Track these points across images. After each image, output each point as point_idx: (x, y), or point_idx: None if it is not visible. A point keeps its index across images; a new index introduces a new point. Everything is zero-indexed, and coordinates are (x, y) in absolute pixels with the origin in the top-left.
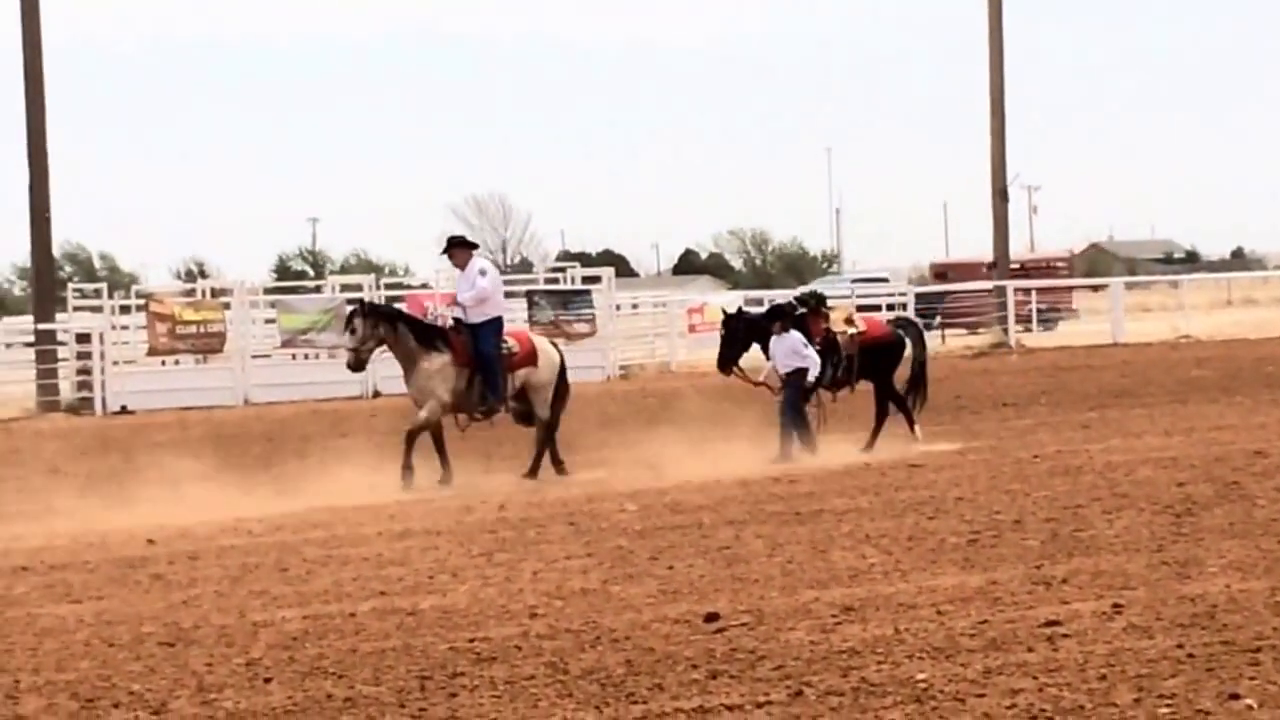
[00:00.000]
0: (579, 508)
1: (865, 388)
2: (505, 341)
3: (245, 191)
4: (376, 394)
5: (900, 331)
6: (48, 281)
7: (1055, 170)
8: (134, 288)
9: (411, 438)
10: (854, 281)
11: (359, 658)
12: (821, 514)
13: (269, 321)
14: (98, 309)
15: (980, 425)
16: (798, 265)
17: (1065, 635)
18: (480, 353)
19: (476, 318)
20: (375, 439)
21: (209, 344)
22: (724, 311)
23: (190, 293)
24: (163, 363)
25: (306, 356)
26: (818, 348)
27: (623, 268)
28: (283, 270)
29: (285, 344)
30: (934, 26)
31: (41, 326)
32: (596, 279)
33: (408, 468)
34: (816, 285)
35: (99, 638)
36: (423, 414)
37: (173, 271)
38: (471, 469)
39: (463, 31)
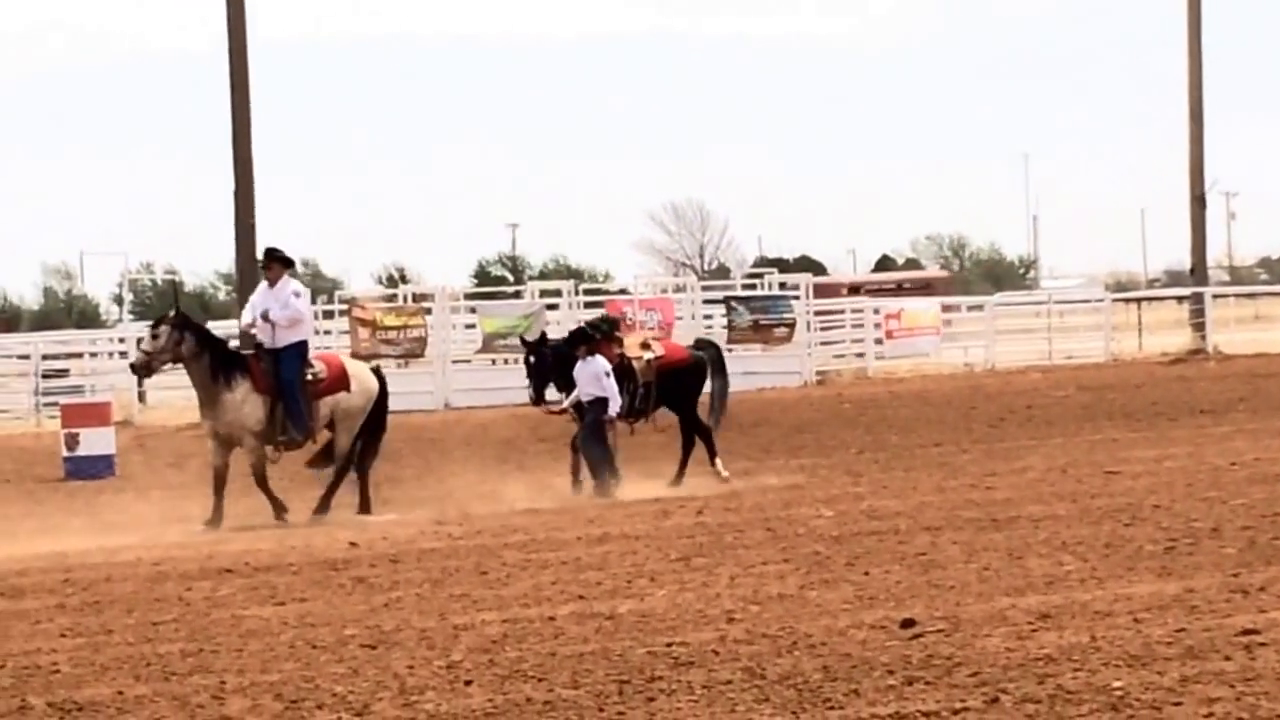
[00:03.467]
0: (776, 513)
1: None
2: (311, 366)
3: (446, 197)
4: None
5: (700, 354)
6: (252, 287)
7: (1255, 176)
8: (336, 293)
9: (261, 483)
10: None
11: (558, 661)
12: (1018, 521)
13: (469, 327)
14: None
15: (1177, 432)
16: (995, 271)
17: (1263, 644)
18: (281, 379)
19: (282, 341)
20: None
21: (410, 349)
22: (523, 341)
23: (392, 298)
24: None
25: (506, 361)
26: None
27: (820, 273)
28: (482, 276)
29: (484, 349)
30: (1131, 29)
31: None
32: (794, 285)
33: (280, 505)
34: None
35: (302, 639)
36: (249, 458)
37: (374, 277)
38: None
39: (659, 34)
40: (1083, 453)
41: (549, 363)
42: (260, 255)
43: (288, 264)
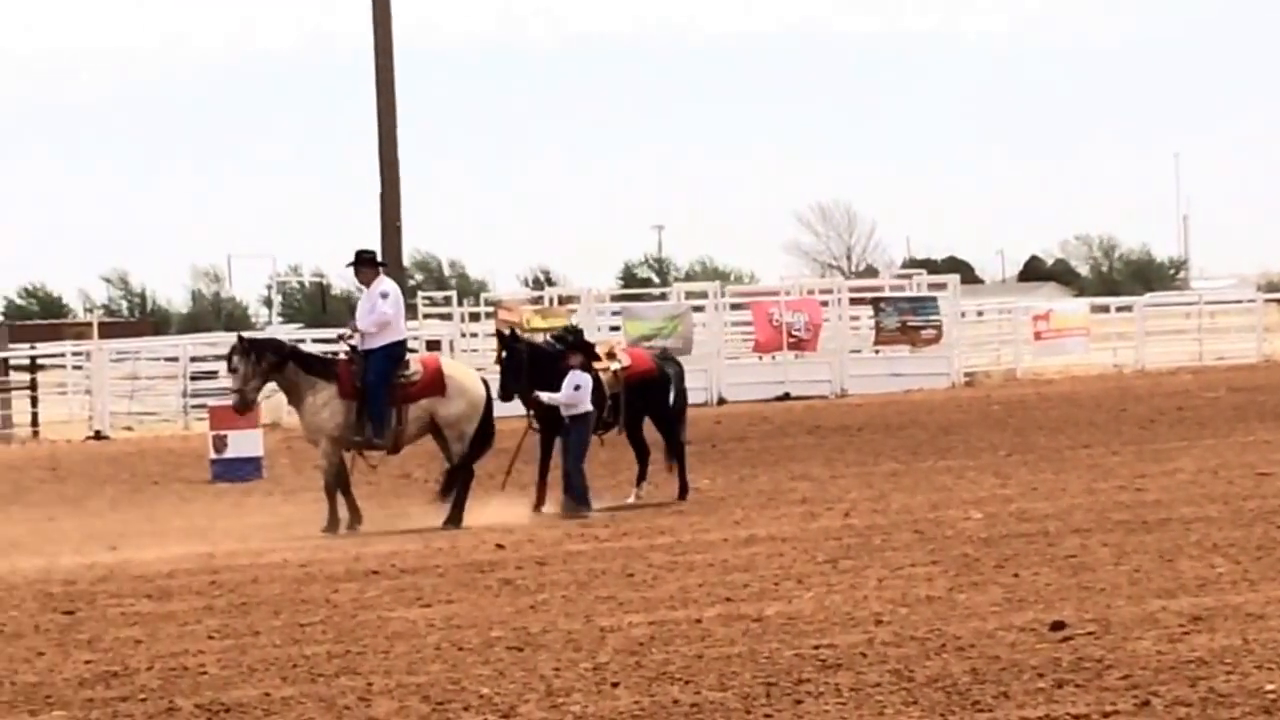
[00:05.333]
0: (924, 515)
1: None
2: (406, 368)
3: (591, 199)
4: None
5: (664, 365)
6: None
7: None
8: (483, 295)
9: (329, 490)
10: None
11: (705, 663)
12: (1169, 523)
13: (614, 329)
14: (447, 316)
15: None
16: (1145, 272)
17: None
18: (365, 381)
19: (373, 343)
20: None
21: None
22: (499, 336)
23: (538, 300)
24: None
25: None
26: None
27: (967, 274)
28: (628, 277)
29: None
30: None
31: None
32: (942, 286)
33: (333, 520)
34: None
35: (449, 641)
36: (321, 462)
37: (520, 279)
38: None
39: (805, 32)
40: (1234, 454)
41: (523, 360)
42: (352, 258)
43: (378, 265)
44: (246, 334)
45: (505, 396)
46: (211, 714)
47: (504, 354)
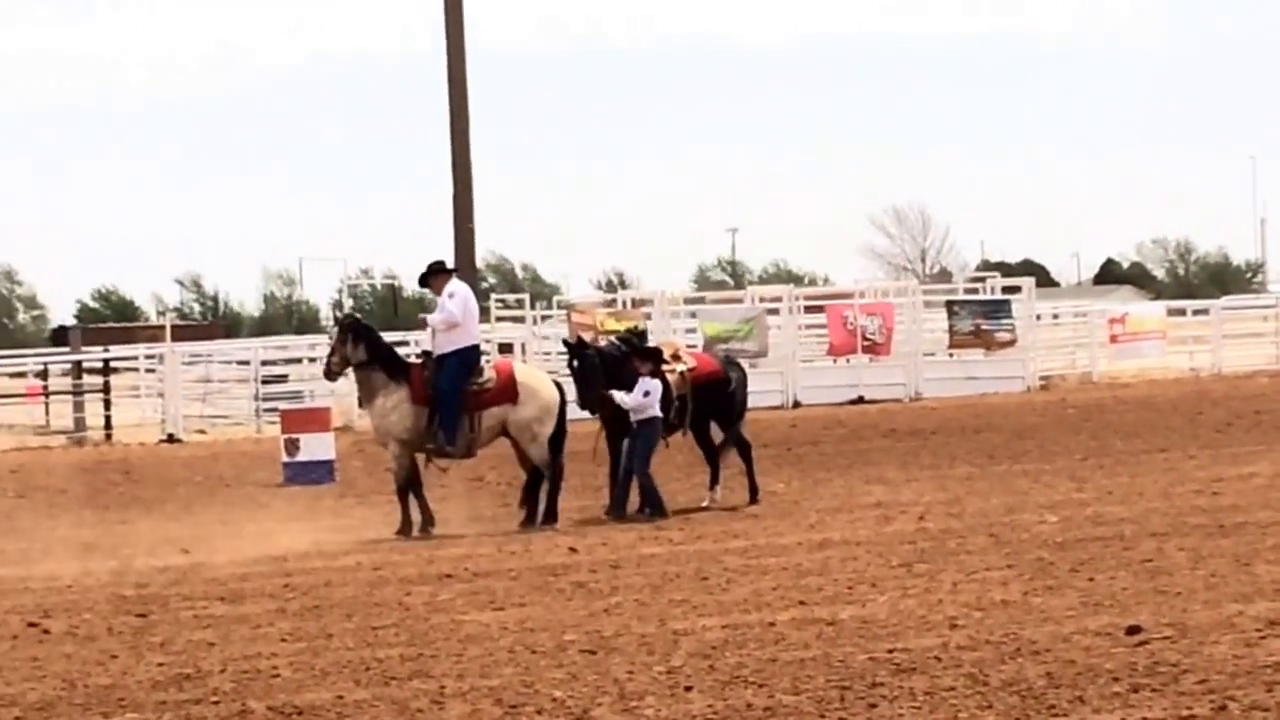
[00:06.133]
0: (999, 519)
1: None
2: (480, 374)
3: (665, 202)
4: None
5: (728, 368)
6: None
7: None
8: (555, 298)
9: (401, 493)
10: None
11: (779, 667)
12: (1245, 527)
13: (689, 331)
14: (520, 319)
15: None
16: (1221, 276)
17: None
18: (437, 387)
19: (445, 347)
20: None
21: None
22: (566, 344)
23: (611, 303)
24: None
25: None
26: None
27: (1043, 277)
28: (702, 280)
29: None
30: None
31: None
32: (1016, 289)
33: (406, 523)
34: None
35: (522, 644)
36: (391, 465)
37: (593, 282)
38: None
39: (879, 34)
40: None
41: (595, 366)
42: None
43: (448, 271)
44: (353, 317)
45: (584, 404)
46: (284, 716)
47: (575, 362)
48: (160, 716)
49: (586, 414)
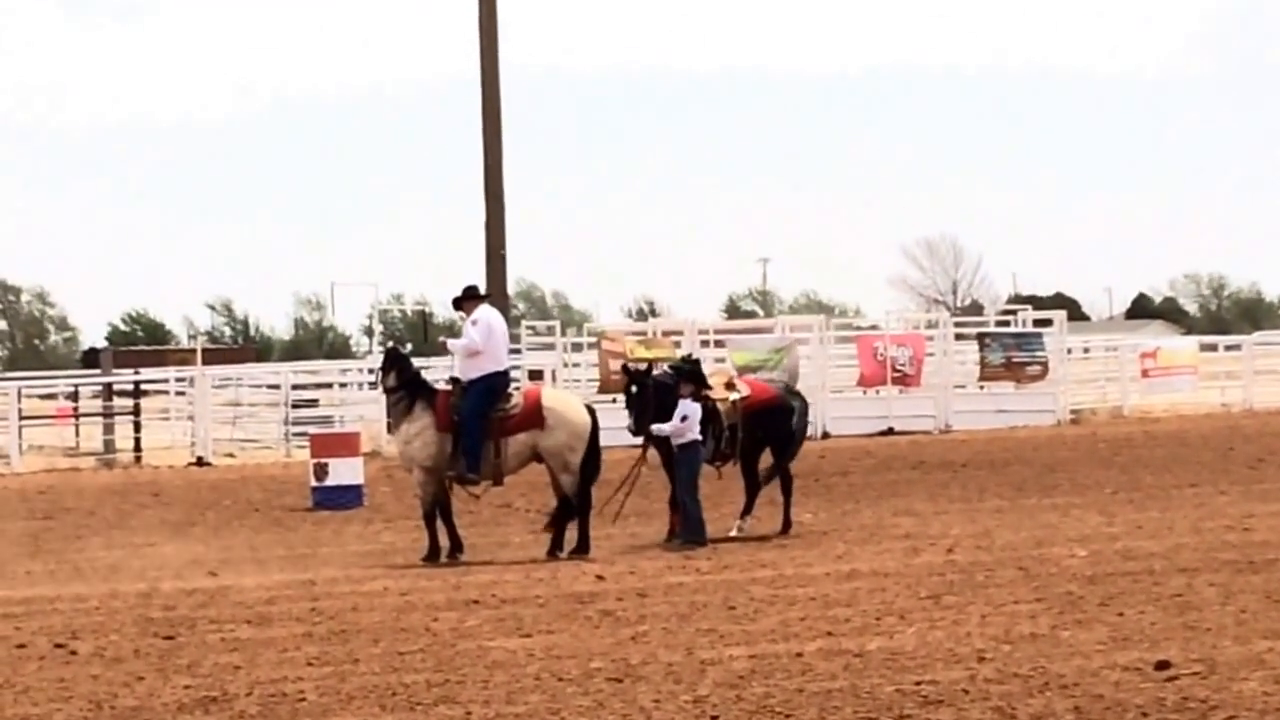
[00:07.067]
0: (1028, 552)
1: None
2: (507, 400)
3: (696, 231)
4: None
5: (788, 398)
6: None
7: None
8: (585, 326)
9: (429, 519)
10: None
11: (805, 698)
12: (1277, 563)
13: (719, 360)
14: (550, 346)
15: None
16: (1254, 312)
17: None
18: (461, 415)
19: (471, 373)
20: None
21: None
22: (625, 370)
23: (641, 331)
24: (613, 400)
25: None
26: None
27: (1074, 311)
28: (732, 310)
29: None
30: None
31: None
32: (1048, 322)
33: (434, 549)
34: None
35: (548, 672)
36: (418, 491)
37: (623, 310)
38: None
39: (914, 66)
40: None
41: (650, 396)
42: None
43: (479, 297)
44: (395, 347)
45: (637, 432)
46: None
47: (633, 389)
48: None
49: (616, 437)
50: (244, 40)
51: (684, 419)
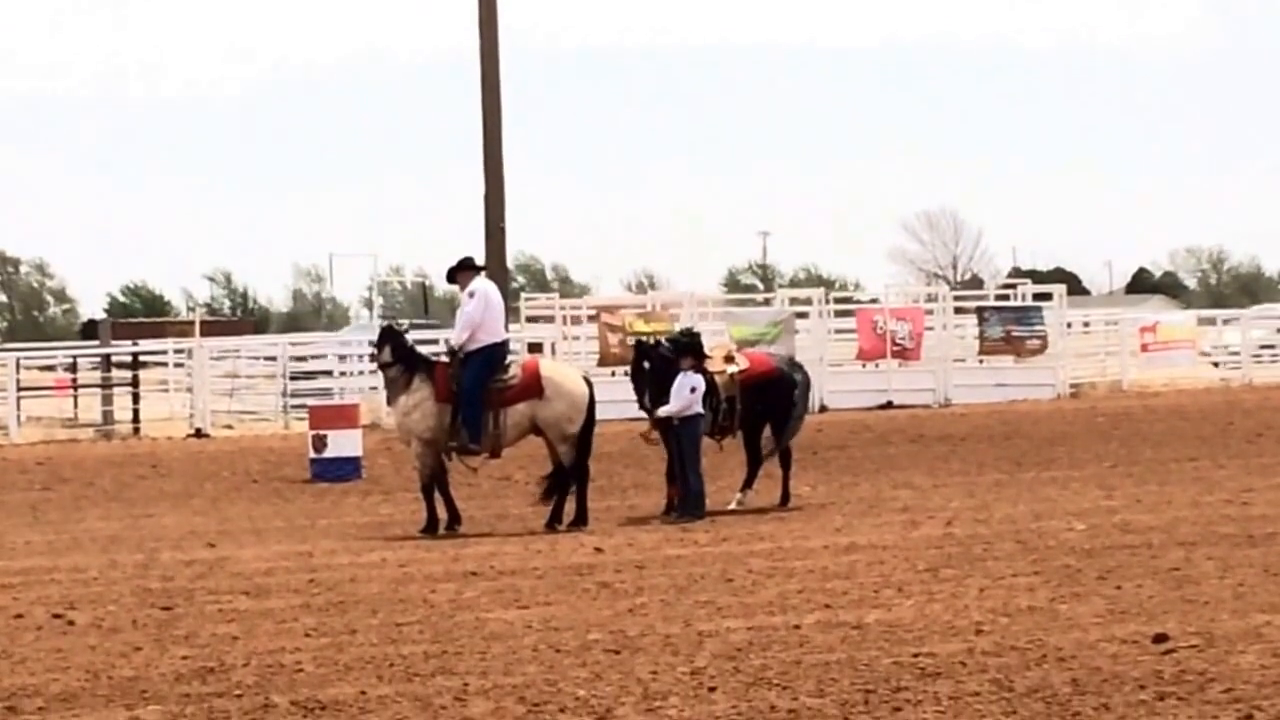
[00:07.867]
0: (1026, 526)
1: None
2: (504, 372)
3: (696, 204)
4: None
5: (787, 370)
6: (500, 290)
7: None
8: (584, 299)
9: (426, 491)
10: None
11: (803, 670)
12: (1275, 537)
13: (716, 333)
14: (550, 319)
15: None
16: (1252, 286)
17: None
18: (460, 386)
19: (470, 344)
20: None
21: None
22: (638, 345)
23: (640, 304)
24: (612, 373)
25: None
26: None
27: (1074, 285)
28: (732, 283)
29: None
30: None
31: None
32: (1047, 296)
33: (432, 521)
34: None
35: (546, 643)
36: (415, 463)
37: (623, 283)
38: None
39: (912, 40)
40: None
41: (660, 370)
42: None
43: (475, 268)
44: (391, 324)
45: (654, 408)
46: (307, 711)
47: (644, 363)
48: (183, 709)
49: (608, 410)
50: (243, 11)
51: (692, 390)
